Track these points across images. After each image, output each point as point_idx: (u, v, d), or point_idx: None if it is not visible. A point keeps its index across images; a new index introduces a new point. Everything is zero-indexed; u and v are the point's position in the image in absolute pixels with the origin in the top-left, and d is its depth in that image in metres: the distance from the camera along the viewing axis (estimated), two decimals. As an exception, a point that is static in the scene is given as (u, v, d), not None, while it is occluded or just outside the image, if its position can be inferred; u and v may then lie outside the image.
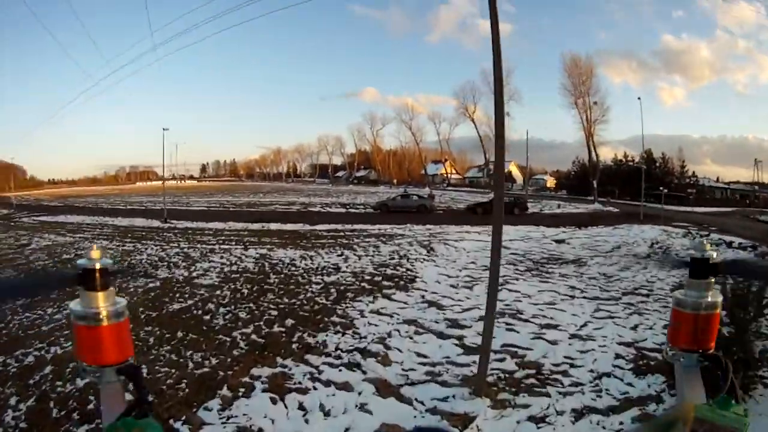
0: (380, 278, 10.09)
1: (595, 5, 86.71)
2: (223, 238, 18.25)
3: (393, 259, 12.53)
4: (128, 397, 0.72)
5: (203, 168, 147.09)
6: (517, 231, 19.10)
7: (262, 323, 7.07)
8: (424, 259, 12.52)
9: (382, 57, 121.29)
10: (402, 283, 9.66)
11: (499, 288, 6.18)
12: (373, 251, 14.17)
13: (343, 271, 10.92)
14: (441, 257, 12.93)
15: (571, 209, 33.08)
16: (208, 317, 7.47)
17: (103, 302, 0.71)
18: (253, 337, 6.49)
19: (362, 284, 9.56)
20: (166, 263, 12.57)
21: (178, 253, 14.16)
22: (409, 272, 10.74)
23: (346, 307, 7.87)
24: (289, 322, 7.07)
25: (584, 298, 8.41)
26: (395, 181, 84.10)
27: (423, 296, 8.59)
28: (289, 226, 21.82)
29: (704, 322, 0.78)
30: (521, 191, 60.35)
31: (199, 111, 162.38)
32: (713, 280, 0.78)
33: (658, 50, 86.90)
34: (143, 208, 35.65)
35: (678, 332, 0.80)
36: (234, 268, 11.61)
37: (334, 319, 7.19)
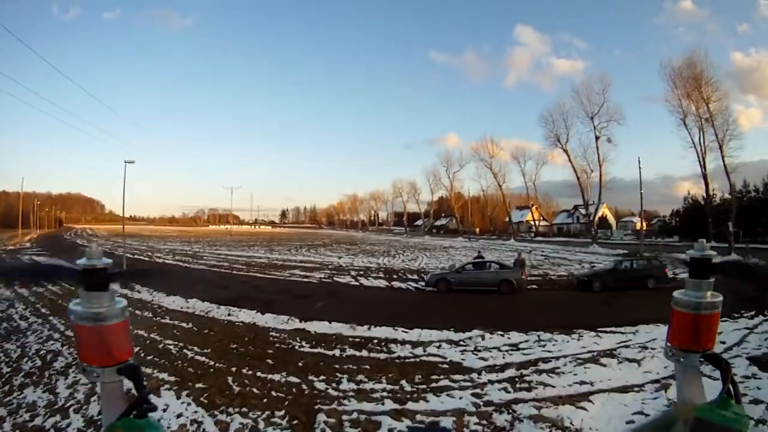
0: None
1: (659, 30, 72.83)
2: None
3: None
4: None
5: (283, 214, 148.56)
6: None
7: None
8: None
9: (463, 102, 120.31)
10: None
11: None
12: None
13: None
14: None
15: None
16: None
17: (103, 302, 0.71)
18: None
19: None
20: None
21: None
22: None
23: None
24: None
25: None
26: (477, 230, 77.79)
27: None
28: (264, 319, 12.33)
29: (704, 322, 0.79)
30: (631, 240, 45.39)
31: (282, 157, 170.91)
32: (713, 280, 0.79)
33: (729, 71, 70.40)
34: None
35: (678, 332, 0.81)
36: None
37: None
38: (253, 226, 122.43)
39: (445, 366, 8.36)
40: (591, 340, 10.03)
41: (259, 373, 8.05)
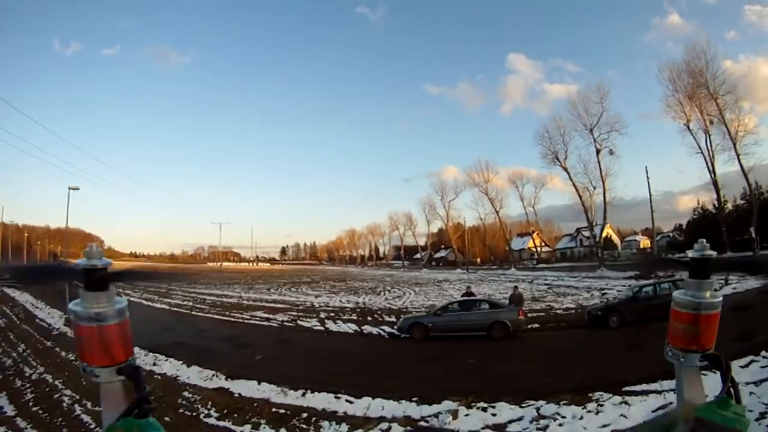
0: None
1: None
2: None
3: None
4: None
5: (283, 251, 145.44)
6: None
7: None
8: None
9: (460, 133, 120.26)
10: None
11: None
12: None
13: None
14: None
15: (739, 284, 17.05)
16: None
17: (103, 302, 0.70)
18: None
19: None
20: None
21: None
22: None
23: None
24: None
25: None
26: (478, 260, 73.65)
27: None
28: (188, 373, 9.75)
29: (704, 322, 0.78)
30: (643, 254, 41.78)
31: (282, 195, 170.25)
32: (713, 280, 0.79)
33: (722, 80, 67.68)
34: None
35: (678, 332, 0.80)
36: None
37: None
38: (251, 263, 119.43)
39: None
40: (615, 410, 6.79)
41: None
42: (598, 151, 38.93)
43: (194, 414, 7.94)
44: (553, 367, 9.28)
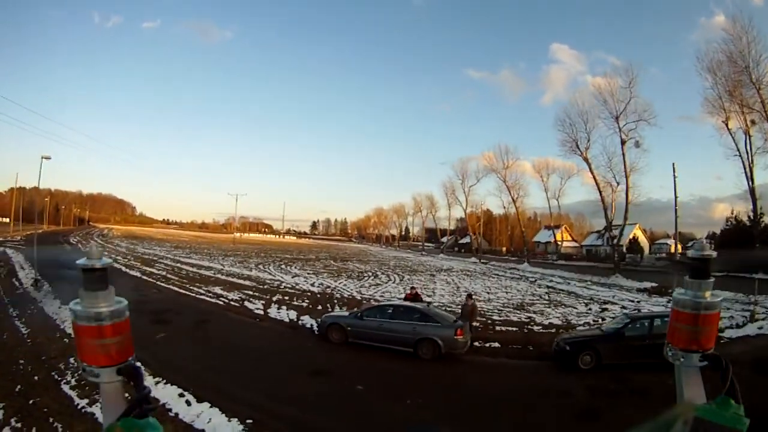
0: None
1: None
2: None
3: None
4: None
5: (314, 225, 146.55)
6: None
7: None
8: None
9: (499, 121, 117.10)
10: None
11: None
12: None
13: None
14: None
15: None
16: None
17: (102, 302, 0.70)
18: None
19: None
20: None
21: None
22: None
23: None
24: None
25: None
26: (503, 249, 72.15)
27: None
28: None
29: (704, 322, 0.77)
30: (668, 260, 38.06)
31: (319, 170, 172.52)
32: (713, 280, 0.78)
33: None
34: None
35: (678, 332, 0.80)
36: None
37: None
38: (279, 236, 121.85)
39: None
40: None
41: None
42: (623, 142, 34.43)
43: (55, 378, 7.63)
44: (454, 424, 6.59)
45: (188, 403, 6.86)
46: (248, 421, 6.19)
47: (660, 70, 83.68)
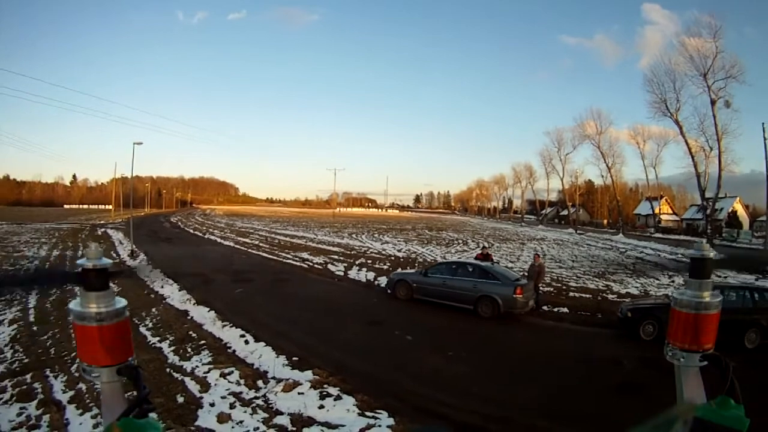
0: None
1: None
2: None
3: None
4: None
5: (417, 199, 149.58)
6: None
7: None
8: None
9: (597, 90, 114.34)
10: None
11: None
12: None
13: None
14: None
15: None
16: None
17: (102, 302, 0.70)
18: None
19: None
20: None
21: None
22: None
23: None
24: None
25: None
26: (605, 222, 68.38)
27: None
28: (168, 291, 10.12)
29: (704, 322, 0.77)
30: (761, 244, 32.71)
31: (424, 144, 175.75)
32: (713, 280, 0.78)
33: None
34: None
35: (678, 332, 0.80)
36: None
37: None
38: (382, 210, 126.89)
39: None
40: None
41: None
42: (713, 102, 30.40)
43: (137, 322, 9.10)
44: (481, 378, 6.72)
45: (246, 342, 8.02)
46: (294, 358, 7.11)
47: (755, 30, 67.46)
